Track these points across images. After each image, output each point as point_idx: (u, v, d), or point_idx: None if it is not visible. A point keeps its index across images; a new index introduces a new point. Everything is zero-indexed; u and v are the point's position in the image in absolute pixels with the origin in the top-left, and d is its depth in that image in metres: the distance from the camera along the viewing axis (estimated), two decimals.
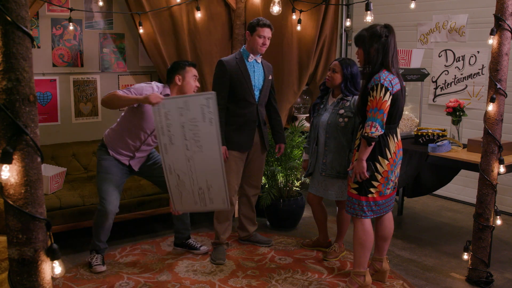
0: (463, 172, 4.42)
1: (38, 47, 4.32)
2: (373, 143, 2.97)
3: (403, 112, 3.51)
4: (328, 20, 4.87)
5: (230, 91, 3.57)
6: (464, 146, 4.00)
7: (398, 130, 3.17)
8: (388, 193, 3.14)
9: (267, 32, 3.55)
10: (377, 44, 2.98)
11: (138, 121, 3.36)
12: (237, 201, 4.06)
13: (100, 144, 3.53)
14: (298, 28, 4.60)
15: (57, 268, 1.94)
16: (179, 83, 3.38)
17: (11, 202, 1.82)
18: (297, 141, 4.39)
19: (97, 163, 3.48)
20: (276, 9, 4.16)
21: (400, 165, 3.18)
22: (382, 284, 3.35)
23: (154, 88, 3.32)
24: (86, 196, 3.85)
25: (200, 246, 3.78)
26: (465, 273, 3.49)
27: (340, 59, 3.50)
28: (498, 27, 3.09)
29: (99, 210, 3.40)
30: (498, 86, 3.14)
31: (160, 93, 3.29)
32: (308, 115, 5.16)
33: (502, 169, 3.24)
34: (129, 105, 3.29)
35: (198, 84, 3.47)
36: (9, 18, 1.72)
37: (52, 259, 1.92)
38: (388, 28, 3.01)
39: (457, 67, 5.11)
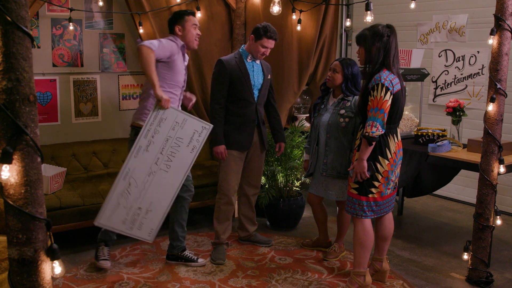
0: (463, 172, 4.42)
1: (38, 47, 4.32)
2: (373, 143, 2.97)
3: (403, 112, 3.50)
4: (328, 20, 4.87)
5: (229, 90, 3.57)
6: (464, 146, 4.00)
7: (398, 130, 3.17)
8: (389, 193, 3.14)
9: (271, 44, 3.56)
10: (379, 43, 2.98)
11: (174, 77, 3.26)
12: (236, 201, 4.06)
13: (133, 131, 3.31)
14: (298, 28, 4.60)
15: (57, 268, 1.94)
16: (180, 34, 3.33)
17: (11, 202, 1.82)
18: (297, 141, 4.39)
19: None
20: (276, 9, 4.16)
21: (400, 165, 3.18)
22: (382, 284, 3.35)
23: (178, 44, 3.28)
24: (86, 196, 3.84)
25: (197, 258, 3.61)
26: (465, 273, 3.50)
27: (341, 59, 3.51)
28: (498, 27, 3.09)
29: None
30: (498, 86, 3.14)
31: (182, 46, 3.30)
32: (308, 115, 5.16)
33: (502, 169, 3.24)
34: (148, 81, 3.12)
35: (199, 32, 3.40)
36: (9, 18, 1.72)
37: (52, 259, 1.92)
38: (390, 28, 3.02)
39: (457, 67, 5.12)
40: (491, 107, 3.18)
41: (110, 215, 3.07)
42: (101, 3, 4.33)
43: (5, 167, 1.78)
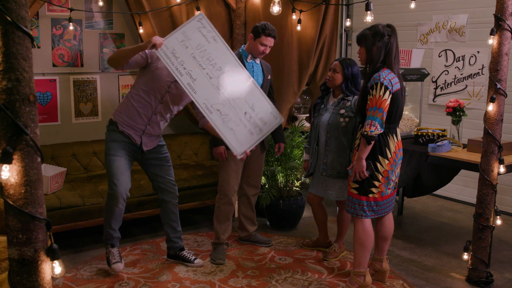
0: (463, 172, 4.42)
1: (38, 47, 4.32)
2: (372, 142, 2.97)
3: (403, 112, 3.50)
4: (328, 20, 4.87)
5: None
6: (464, 146, 4.00)
7: (398, 130, 3.17)
8: (389, 193, 3.14)
9: (270, 42, 3.55)
10: (380, 43, 2.98)
11: (151, 83, 3.21)
12: (236, 201, 4.06)
13: (108, 124, 3.37)
14: (298, 28, 4.60)
15: (57, 268, 1.94)
16: None
17: (11, 202, 1.82)
18: (297, 141, 4.39)
19: (106, 145, 3.34)
20: (276, 9, 4.16)
21: (400, 165, 3.18)
22: (382, 284, 3.35)
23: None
24: (86, 196, 3.84)
25: (195, 259, 3.62)
26: (465, 273, 3.50)
27: (341, 59, 3.51)
28: (498, 27, 3.09)
29: (109, 194, 3.31)
30: (498, 86, 3.14)
31: None
32: (308, 115, 5.16)
33: (502, 169, 3.24)
34: (135, 54, 3.11)
35: None
36: (9, 18, 1.72)
37: (52, 259, 1.92)
38: (390, 27, 3.02)
39: (457, 67, 5.12)
40: (491, 107, 3.18)
41: (237, 141, 3.19)
42: (101, 3, 4.33)
43: (5, 167, 1.78)
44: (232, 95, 3.15)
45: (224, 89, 3.13)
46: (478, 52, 4.93)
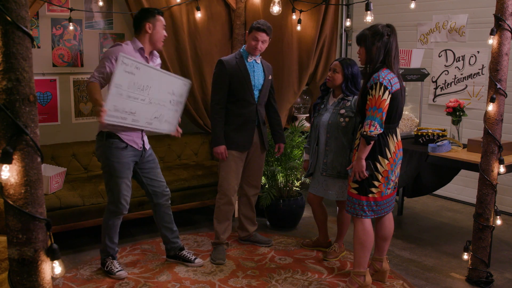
0: (463, 172, 4.42)
1: (38, 47, 4.32)
2: (372, 142, 2.97)
3: (403, 112, 3.49)
4: (328, 20, 4.87)
5: (229, 91, 3.57)
6: (464, 146, 4.00)
7: (398, 130, 3.17)
8: (389, 193, 3.14)
9: (261, 36, 3.53)
10: (379, 43, 2.98)
11: None
12: (237, 201, 4.06)
13: (104, 138, 3.20)
14: (298, 28, 4.60)
15: (57, 268, 1.94)
16: (150, 31, 3.23)
17: (11, 202, 1.82)
18: (297, 141, 4.39)
19: (109, 163, 3.23)
20: (276, 9, 4.16)
21: (400, 165, 3.18)
22: (382, 284, 3.35)
23: (124, 48, 3.16)
24: (86, 196, 3.84)
25: (195, 259, 3.61)
26: (465, 273, 3.50)
27: (341, 59, 3.51)
28: (498, 27, 3.09)
29: (113, 212, 3.33)
30: (498, 86, 3.14)
31: (133, 49, 3.21)
32: (308, 115, 5.16)
33: (502, 169, 3.24)
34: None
35: (166, 34, 3.35)
36: (9, 18, 1.72)
37: (52, 259, 1.92)
38: (390, 27, 3.02)
39: (457, 67, 5.12)
40: (491, 107, 3.18)
41: (170, 124, 3.39)
42: (101, 3, 4.33)
43: (5, 167, 1.78)
44: (161, 97, 3.25)
45: (155, 100, 3.22)
46: (478, 52, 4.93)
